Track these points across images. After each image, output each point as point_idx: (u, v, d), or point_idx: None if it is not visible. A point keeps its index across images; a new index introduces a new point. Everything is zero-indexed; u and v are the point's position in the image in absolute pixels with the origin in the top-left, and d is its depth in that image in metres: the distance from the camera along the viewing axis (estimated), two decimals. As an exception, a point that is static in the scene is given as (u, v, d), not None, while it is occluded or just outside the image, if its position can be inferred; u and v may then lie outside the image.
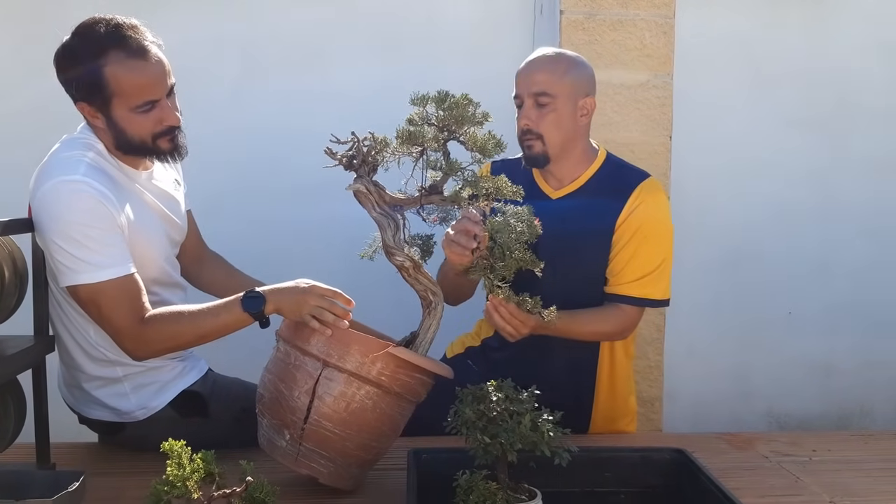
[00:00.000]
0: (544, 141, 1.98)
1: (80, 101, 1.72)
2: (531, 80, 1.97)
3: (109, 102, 1.69)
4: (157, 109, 1.71)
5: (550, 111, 1.96)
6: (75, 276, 1.63)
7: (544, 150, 1.99)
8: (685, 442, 1.91)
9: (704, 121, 2.92)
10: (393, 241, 1.60)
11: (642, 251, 1.99)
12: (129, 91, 1.68)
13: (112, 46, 1.66)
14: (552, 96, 1.95)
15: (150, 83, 1.69)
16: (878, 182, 3.06)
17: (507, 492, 1.42)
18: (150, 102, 1.70)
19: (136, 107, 1.69)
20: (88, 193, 1.62)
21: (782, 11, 2.95)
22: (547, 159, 2.01)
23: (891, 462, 1.94)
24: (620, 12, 2.60)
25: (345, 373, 1.55)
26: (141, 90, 1.69)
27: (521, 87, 1.99)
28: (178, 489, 1.24)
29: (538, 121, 1.96)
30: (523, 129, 1.98)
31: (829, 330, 3.09)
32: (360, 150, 1.57)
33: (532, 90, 1.96)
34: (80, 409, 1.90)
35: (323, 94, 2.80)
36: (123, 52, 1.66)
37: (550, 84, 1.95)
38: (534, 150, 1.99)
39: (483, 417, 1.42)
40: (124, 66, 1.66)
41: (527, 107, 1.98)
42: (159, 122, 1.73)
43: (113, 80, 1.67)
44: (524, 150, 2.03)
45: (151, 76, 1.69)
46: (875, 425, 3.10)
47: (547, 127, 1.97)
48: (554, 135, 1.98)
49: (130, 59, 1.67)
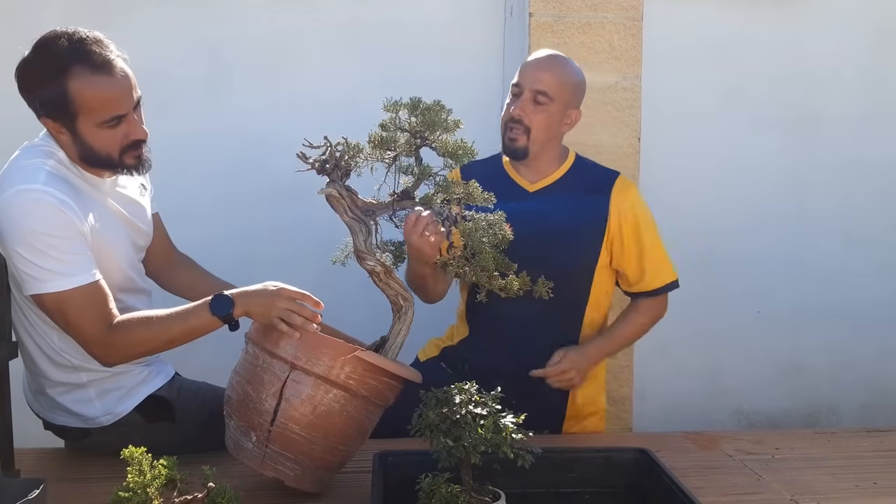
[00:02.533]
0: (530, 136, 2.07)
1: (44, 116, 1.69)
2: (538, 76, 2.05)
3: (75, 119, 1.66)
4: (123, 124, 1.69)
5: (544, 111, 2.05)
6: (40, 286, 1.62)
7: (526, 145, 2.07)
8: (651, 441, 1.93)
9: (674, 122, 2.94)
10: (364, 245, 1.61)
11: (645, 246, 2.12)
12: (94, 107, 1.65)
13: (76, 62, 1.63)
14: (551, 99, 2.05)
15: (116, 98, 1.67)
16: (849, 184, 3.09)
17: (471, 494, 1.44)
18: (116, 118, 1.68)
19: (103, 122, 1.67)
20: (49, 203, 1.60)
21: (753, 13, 2.97)
22: (526, 153, 2.09)
23: (852, 459, 1.97)
24: (589, 15, 2.62)
25: (312, 376, 1.55)
26: (107, 106, 1.66)
27: (525, 79, 2.07)
28: (139, 496, 1.24)
29: (531, 115, 2.05)
30: (515, 117, 2.06)
31: (799, 330, 3.13)
32: (333, 154, 1.59)
33: (535, 86, 2.04)
34: (44, 414, 1.89)
35: (294, 98, 2.79)
36: (88, 68, 1.63)
37: (553, 87, 2.05)
38: (517, 143, 2.08)
39: (446, 420, 1.43)
40: (89, 82, 1.64)
41: (525, 99, 2.05)
42: (126, 136, 1.71)
43: (78, 97, 1.64)
44: (507, 139, 2.09)
45: (117, 91, 1.66)
46: (842, 423, 3.14)
47: (537, 124, 2.06)
48: (540, 133, 2.07)
49: (95, 74, 1.64)
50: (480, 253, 1.57)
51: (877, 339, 3.14)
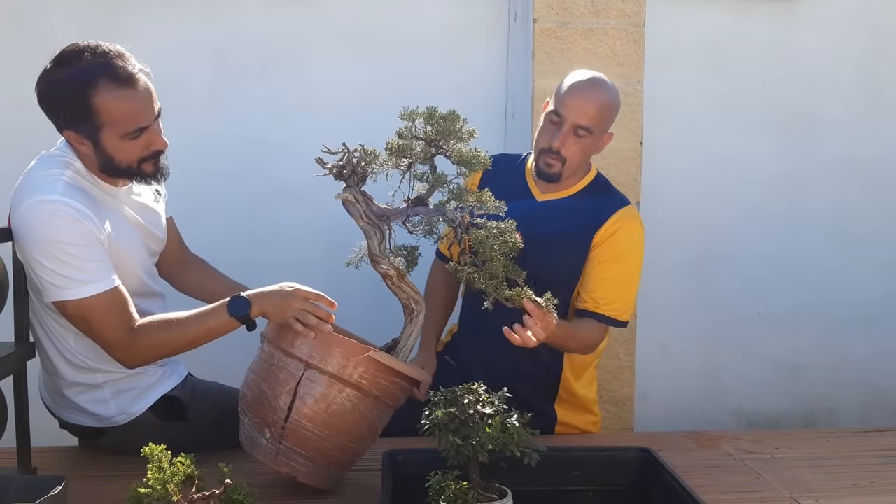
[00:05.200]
0: (565, 164, 2.07)
1: (66, 129, 1.72)
2: (582, 111, 2.02)
3: (99, 131, 1.69)
4: (145, 135, 1.73)
5: (582, 143, 2.06)
6: (61, 293, 1.65)
7: (560, 171, 2.09)
8: (653, 441, 1.97)
9: (675, 126, 2.98)
10: (378, 249, 1.66)
11: (615, 274, 2.09)
12: (119, 120, 1.69)
13: (101, 76, 1.66)
14: (592, 132, 2.05)
15: (140, 111, 1.71)
16: (846, 185, 3.13)
17: (479, 491, 1.47)
18: (139, 129, 1.72)
19: (126, 134, 1.71)
20: (67, 213, 1.63)
21: (752, 17, 3.01)
22: (559, 178, 2.11)
23: (850, 459, 2.01)
24: (592, 21, 2.65)
25: (326, 375, 1.59)
26: (131, 118, 1.70)
27: (568, 111, 2.03)
28: (159, 492, 1.27)
29: (569, 147, 2.05)
30: (554, 148, 2.05)
31: (798, 330, 3.16)
32: (350, 161, 1.62)
33: (578, 121, 2.02)
34: (60, 414, 1.93)
35: (299, 100, 2.82)
36: (113, 82, 1.67)
37: (596, 120, 2.04)
38: (552, 169, 2.08)
39: (455, 420, 1.47)
40: (114, 96, 1.67)
41: (565, 132, 2.04)
42: (147, 146, 1.75)
43: (103, 110, 1.67)
44: (543, 164, 2.09)
45: (141, 104, 1.70)
46: (840, 423, 3.17)
47: (573, 154, 2.06)
48: (576, 161, 2.09)
49: (120, 88, 1.67)
50: (491, 261, 1.60)
51: (874, 339, 3.18)
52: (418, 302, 1.71)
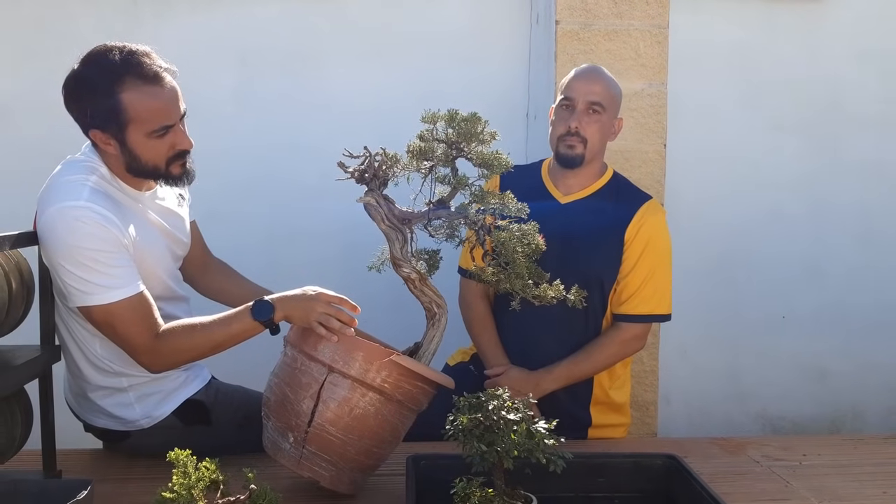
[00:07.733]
0: (586, 145, 2.13)
1: (93, 128, 1.72)
2: (590, 89, 2.13)
3: (125, 129, 1.70)
4: (171, 134, 1.74)
5: (598, 121, 2.14)
6: (87, 298, 1.66)
7: (583, 153, 2.14)
8: (678, 447, 1.95)
9: (698, 128, 2.96)
10: (400, 253, 1.65)
11: (650, 269, 2.14)
12: (145, 116, 1.70)
13: (128, 73, 1.68)
14: (604, 108, 2.14)
15: (166, 108, 1.72)
16: (868, 186, 3.10)
17: (504, 498, 1.46)
18: (165, 127, 1.72)
19: (152, 132, 1.71)
20: (92, 219, 1.64)
21: (775, 19, 3.00)
22: (582, 161, 2.15)
23: (879, 466, 1.98)
24: (615, 23, 2.63)
25: (349, 379, 1.59)
26: (157, 115, 1.71)
27: (576, 93, 2.14)
28: (184, 497, 1.27)
29: (587, 126, 2.12)
30: (573, 130, 2.11)
31: (822, 333, 3.13)
32: (372, 164, 1.62)
33: (589, 98, 2.12)
34: (85, 417, 1.94)
35: (319, 101, 2.83)
36: (140, 79, 1.68)
37: (605, 97, 2.14)
38: (575, 150, 2.14)
39: (480, 426, 1.45)
40: (141, 92, 1.68)
41: (580, 111, 2.12)
42: (172, 146, 1.75)
43: (130, 107, 1.68)
44: (564, 149, 2.15)
45: (167, 101, 1.71)
46: (867, 427, 3.14)
47: (592, 134, 2.13)
48: (596, 141, 2.15)
49: (147, 84, 1.69)
50: (514, 262, 1.59)
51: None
52: (440, 306, 1.70)
